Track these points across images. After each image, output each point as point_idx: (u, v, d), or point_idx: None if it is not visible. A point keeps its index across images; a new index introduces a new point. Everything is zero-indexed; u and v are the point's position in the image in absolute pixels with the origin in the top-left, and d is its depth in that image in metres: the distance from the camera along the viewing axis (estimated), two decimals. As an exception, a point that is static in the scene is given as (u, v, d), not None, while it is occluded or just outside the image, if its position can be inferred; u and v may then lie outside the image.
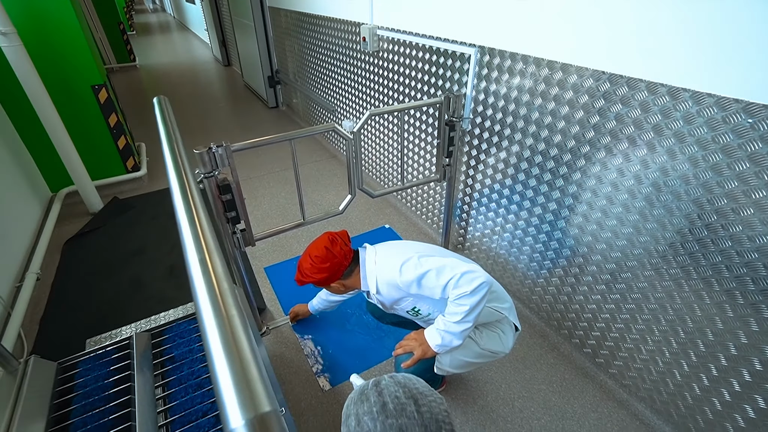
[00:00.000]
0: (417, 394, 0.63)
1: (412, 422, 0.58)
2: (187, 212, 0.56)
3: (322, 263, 1.24)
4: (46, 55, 2.58)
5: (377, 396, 0.62)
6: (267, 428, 0.26)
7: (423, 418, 0.59)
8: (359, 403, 0.63)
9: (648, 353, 1.44)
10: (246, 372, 0.30)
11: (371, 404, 0.61)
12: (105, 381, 1.33)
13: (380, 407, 0.60)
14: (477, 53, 1.72)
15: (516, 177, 1.75)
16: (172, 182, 0.73)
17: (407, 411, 0.59)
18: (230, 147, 1.37)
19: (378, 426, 0.58)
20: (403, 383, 0.65)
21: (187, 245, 0.49)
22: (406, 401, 0.61)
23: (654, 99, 1.15)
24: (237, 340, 0.34)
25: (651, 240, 1.30)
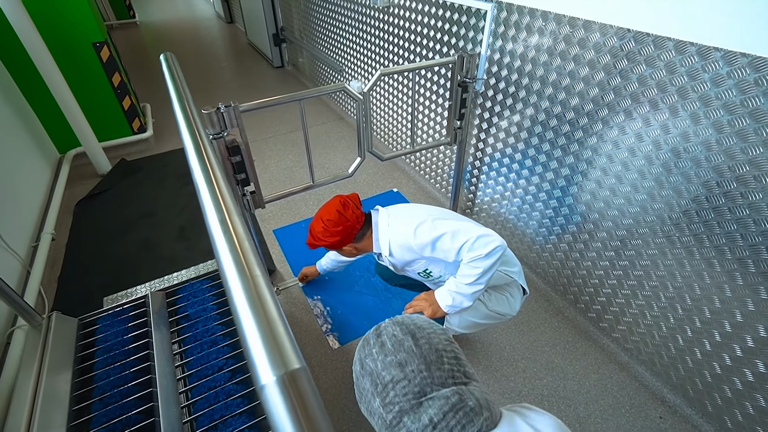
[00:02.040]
0: (414, 329, 0.62)
1: (411, 356, 0.58)
2: (203, 172, 0.56)
3: (335, 227, 1.23)
4: (44, 11, 2.49)
5: (376, 338, 0.63)
6: (297, 384, 0.27)
7: (422, 350, 0.59)
8: (361, 348, 0.64)
9: (652, 319, 1.46)
10: (274, 331, 0.30)
11: (371, 346, 0.62)
12: (124, 336, 1.39)
13: (379, 347, 0.61)
14: (494, 9, 1.63)
15: (529, 141, 1.71)
16: (186, 142, 0.72)
17: (405, 346, 0.60)
18: (239, 107, 1.34)
19: (378, 365, 0.59)
20: (401, 322, 0.65)
21: (207, 207, 0.49)
22: (403, 337, 0.61)
23: (681, 59, 1.10)
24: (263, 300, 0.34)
25: (665, 207, 1.28)
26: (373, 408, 0.59)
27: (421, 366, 0.58)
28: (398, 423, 0.56)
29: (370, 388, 0.60)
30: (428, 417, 0.54)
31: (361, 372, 0.62)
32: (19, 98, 2.65)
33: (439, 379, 0.57)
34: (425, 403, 0.55)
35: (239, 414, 1.18)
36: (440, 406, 0.55)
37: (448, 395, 0.55)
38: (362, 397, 0.62)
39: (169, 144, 3.30)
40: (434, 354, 0.59)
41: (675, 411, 1.48)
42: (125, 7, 7.22)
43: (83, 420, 1.17)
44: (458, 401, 0.55)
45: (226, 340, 1.37)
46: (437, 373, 0.57)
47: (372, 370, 0.60)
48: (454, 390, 0.57)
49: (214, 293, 1.53)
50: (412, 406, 0.55)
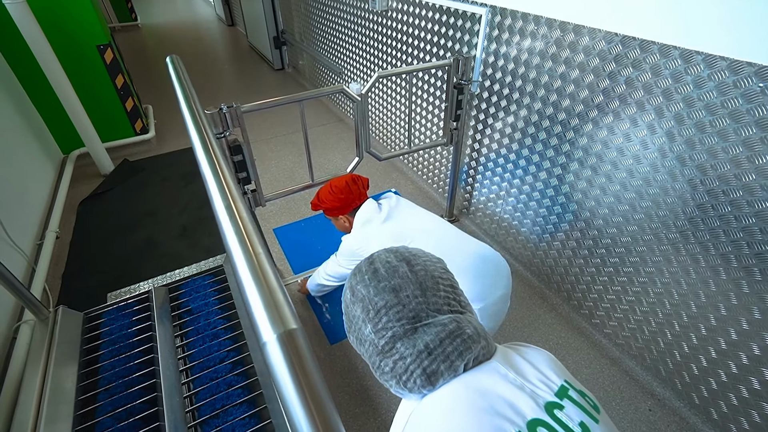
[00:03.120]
0: (409, 256, 0.60)
1: (406, 281, 0.56)
2: (210, 166, 0.60)
3: (339, 194, 1.40)
4: (50, 14, 2.54)
5: (369, 265, 0.60)
6: (294, 341, 0.31)
7: (417, 276, 0.57)
8: (353, 277, 0.61)
9: (642, 314, 1.50)
10: (274, 297, 0.35)
11: (363, 273, 0.59)
12: (128, 330, 1.43)
13: (372, 274, 0.58)
14: (488, 13, 1.68)
15: (523, 141, 1.76)
16: (193, 139, 0.76)
17: (399, 272, 0.57)
18: (240, 108, 1.39)
19: (371, 291, 0.56)
20: (395, 250, 0.62)
21: (214, 195, 0.53)
22: (398, 264, 0.58)
23: (666, 62, 1.14)
24: (264, 272, 0.38)
25: (652, 205, 1.32)
26: (363, 335, 0.57)
27: (417, 291, 0.55)
28: (391, 348, 0.54)
29: (361, 315, 0.57)
30: (424, 343, 0.53)
31: (352, 299, 0.59)
32: (24, 100, 2.70)
33: (435, 306, 0.55)
34: (420, 329, 0.54)
35: (240, 404, 1.22)
36: (437, 332, 0.53)
37: (446, 322, 0.54)
38: (352, 326, 0.60)
39: (170, 145, 3.34)
40: (430, 280, 0.57)
41: (664, 404, 1.52)
42: (127, 9, 7.29)
43: (89, 409, 1.21)
44: (456, 328, 0.54)
45: (227, 333, 1.41)
46: (433, 299, 0.56)
47: (364, 297, 0.57)
48: (452, 317, 0.55)
49: (215, 288, 1.57)
50: (406, 331, 0.54)
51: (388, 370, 0.55)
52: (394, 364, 0.54)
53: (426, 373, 0.53)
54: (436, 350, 0.53)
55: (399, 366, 0.54)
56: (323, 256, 2.17)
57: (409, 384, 0.54)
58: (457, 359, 0.53)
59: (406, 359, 0.53)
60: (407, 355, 0.53)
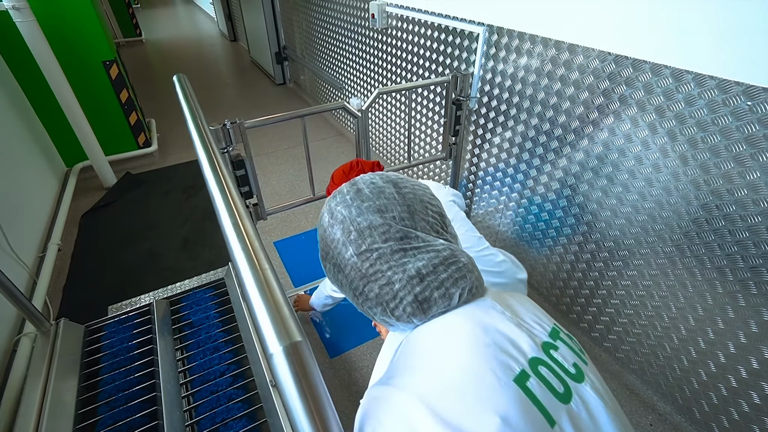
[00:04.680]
0: (396, 179, 0.55)
1: (392, 202, 0.51)
2: (217, 183, 0.62)
3: (351, 171, 1.36)
4: (58, 31, 2.60)
5: (351, 186, 0.55)
6: (299, 353, 0.33)
7: (405, 198, 0.52)
8: (331, 199, 0.56)
9: (641, 327, 1.51)
10: (280, 310, 0.37)
11: (344, 194, 0.54)
12: (129, 343, 1.44)
13: (354, 194, 0.53)
14: (485, 32, 1.73)
15: (521, 156, 1.79)
16: (200, 156, 0.79)
17: (386, 193, 0.52)
18: (244, 124, 1.42)
19: (353, 211, 0.51)
20: (380, 174, 0.57)
21: (221, 212, 0.55)
22: (383, 185, 0.53)
23: (657, 80, 1.18)
24: (270, 286, 0.40)
25: (648, 219, 1.34)
26: (344, 259, 0.51)
27: (404, 214, 0.51)
28: (376, 272, 0.49)
29: (341, 238, 0.51)
30: (415, 268, 0.48)
31: (330, 222, 0.53)
32: (30, 113, 2.75)
33: (423, 230, 0.51)
34: (411, 252, 0.49)
35: (240, 417, 1.23)
36: (430, 258, 0.49)
37: (439, 248, 0.50)
38: (330, 251, 0.53)
39: (173, 158, 3.38)
40: (419, 204, 0.53)
41: (665, 419, 1.51)
42: (132, 25, 7.43)
43: (90, 423, 1.21)
44: (450, 255, 0.50)
45: (228, 346, 1.42)
46: (422, 223, 0.51)
47: (345, 217, 0.51)
48: (445, 244, 0.51)
49: (216, 302, 1.58)
50: (393, 251, 0.49)
51: (373, 296, 0.51)
52: (380, 290, 0.50)
53: (418, 300, 0.49)
54: (429, 276, 0.48)
55: (386, 292, 0.49)
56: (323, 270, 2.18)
57: (397, 312, 0.50)
58: (452, 287, 0.49)
59: (394, 284, 0.49)
60: (396, 281, 0.49)
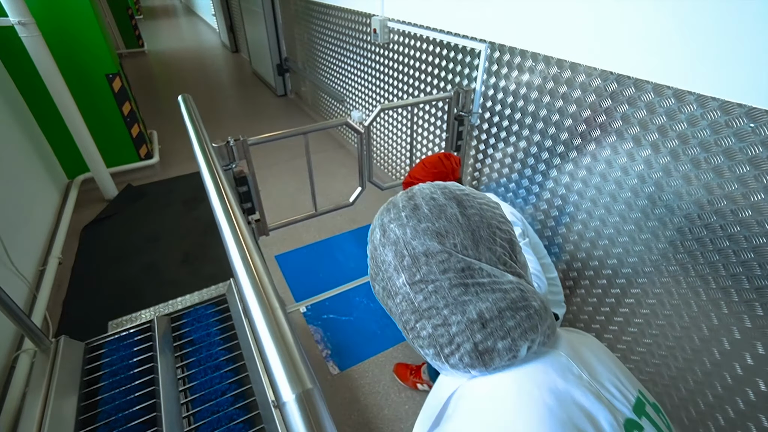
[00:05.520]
0: (461, 195, 0.48)
1: (454, 226, 0.44)
2: (222, 207, 0.63)
3: (433, 168, 1.41)
4: (63, 45, 2.63)
5: (407, 200, 0.48)
6: (311, 401, 0.33)
7: (470, 221, 0.45)
8: (385, 212, 0.50)
9: (645, 346, 1.50)
10: (291, 356, 0.36)
11: (399, 209, 0.47)
12: (129, 361, 1.42)
13: (411, 210, 0.46)
14: (487, 49, 1.75)
15: (523, 172, 1.79)
16: (205, 178, 0.80)
17: (447, 213, 0.45)
18: (247, 141, 1.42)
19: (408, 232, 0.45)
20: (442, 186, 0.50)
21: (228, 241, 0.55)
22: (445, 202, 0.46)
23: (660, 100, 1.19)
24: (282, 330, 0.40)
25: (652, 237, 1.34)
26: (395, 286, 0.46)
27: (467, 241, 0.44)
28: (430, 308, 0.43)
29: (393, 261, 0.45)
30: (477, 311, 0.42)
31: (382, 241, 0.47)
32: (33, 125, 2.76)
33: (489, 262, 0.44)
34: (472, 288, 0.42)
35: (241, 439, 1.21)
36: (495, 299, 0.42)
37: (507, 287, 0.42)
38: (379, 273, 0.48)
39: (174, 170, 3.39)
40: (486, 229, 0.45)
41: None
42: (134, 36, 7.50)
43: (88, 444, 1.20)
44: (519, 297, 0.43)
45: (230, 365, 1.40)
46: (487, 254, 0.44)
47: (398, 238, 0.45)
48: (514, 283, 0.43)
49: (218, 318, 1.57)
50: (452, 286, 0.42)
51: (426, 336, 0.44)
52: (434, 330, 0.43)
53: (477, 350, 0.42)
54: (492, 322, 0.41)
55: (440, 333, 0.43)
56: (325, 284, 2.18)
57: (453, 359, 0.43)
58: (520, 338, 0.42)
59: (451, 327, 0.42)
60: (453, 323, 0.42)
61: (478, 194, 0.50)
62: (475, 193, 0.50)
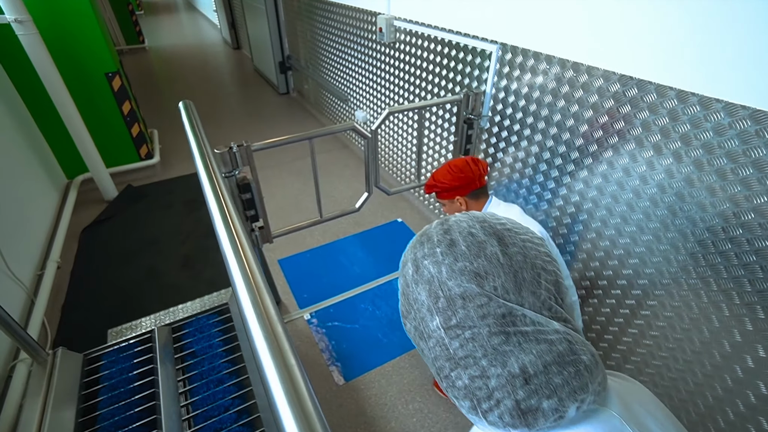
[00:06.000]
0: (502, 231, 0.43)
1: (495, 266, 0.40)
2: (222, 216, 0.60)
3: (459, 173, 1.34)
4: (61, 43, 2.57)
5: (442, 234, 0.44)
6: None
7: (512, 261, 0.40)
8: (418, 246, 0.46)
9: (661, 359, 1.45)
10: (303, 404, 0.32)
11: (434, 244, 0.44)
12: (129, 374, 1.38)
13: (447, 247, 0.42)
14: (499, 50, 1.69)
15: (534, 178, 1.74)
16: (205, 186, 0.78)
17: (487, 252, 0.41)
18: (251, 147, 1.37)
19: (443, 271, 0.41)
20: (480, 218, 0.46)
21: (230, 262, 0.52)
22: (485, 239, 0.42)
23: (684, 108, 1.13)
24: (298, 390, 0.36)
25: (671, 249, 1.29)
26: (428, 328, 0.42)
27: (509, 284, 0.40)
28: (467, 357, 0.39)
29: (427, 302, 0.42)
30: (520, 364, 0.37)
31: (415, 277, 0.44)
32: (30, 124, 2.70)
33: (533, 307, 0.40)
34: (514, 337, 0.38)
35: (245, 458, 1.17)
36: (541, 351, 0.37)
37: (553, 338, 0.38)
38: (411, 311, 0.45)
39: (175, 170, 3.34)
40: (529, 271, 0.41)
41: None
42: (135, 32, 7.42)
43: (86, 463, 1.15)
44: (567, 351, 0.38)
45: (232, 379, 1.36)
46: (531, 299, 0.40)
47: (433, 277, 0.42)
48: (561, 333, 0.38)
49: (220, 329, 1.53)
50: (492, 334, 0.38)
51: (461, 386, 0.40)
52: (471, 381, 0.39)
53: (519, 409, 0.37)
54: (537, 378, 0.37)
55: (478, 386, 0.39)
56: (330, 290, 2.13)
57: (491, 416, 0.39)
58: (568, 398, 0.37)
59: (490, 380, 0.38)
60: (492, 375, 0.38)
61: (521, 228, 0.45)
62: (517, 227, 0.45)
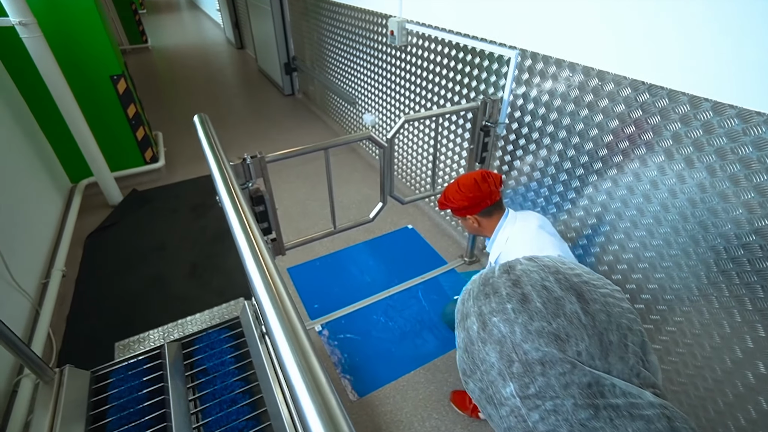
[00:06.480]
0: (580, 284, 0.39)
1: (577, 328, 0.35)
2: (242, 228, 0.61)
3: (468, 192, 1.29)
4: (66, 46, 2.52)
5: (511, 287, 0.40)
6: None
7: (595, 322, 0.36)
8: (482, 298, 0.41)
9: (688, 377, 1.40)
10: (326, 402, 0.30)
11: (502, 299, 0.39)
12: (138, 392, 1.33)
13: (519, 302, 0.38)
14: (518, 56, 1.64)
15: (554, 188, 1.69)
16: (223, 198, 0.80)
17: (566, 310, 0.36)
18: (264, 158, 1.32)
19: (518, 332, 0.36)
20: (552, 267, 0.40)
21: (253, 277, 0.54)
22: (562, 294, 0.38)
23: (720, 120, 1.08)
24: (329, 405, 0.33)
25: (682, 254, 1.24)
26: (499, 394, 0.37)
27: (594, 349, 0.35)
28: None
29: (497, 365, 0.37)
30: None
31: (482, 335, 0.39)
32: (34, 127, 2.66)
33: (621, 375, 0.35)
34: (604, 412, 0.33)
35: (260, 484, 1.12)
36: (637, 429, 0.32)
37: (650, 414, 0.33)
38: (476, 372, 0.40)
39: (180, 173, 3.29)
40: (615, 333, 0.36)
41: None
42: (138, 32, 7.38)
43: (95, 489, 1.11)
44: (667, 429, 0.33)
45: (245, 399, 1.31)
46: (619, 365, 0.35)
47: (504, 338, 0.37)
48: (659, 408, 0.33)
49: (232, 344, 1.48)
50: (577, 407, 0.34)
51: None
52: None
53: None
54: None
55: None
56: (341, 300, 2.08)
57: None
58: None
59: None
60: None
61: (599, 280, 0.40)
62: (595, 278, 0.40)
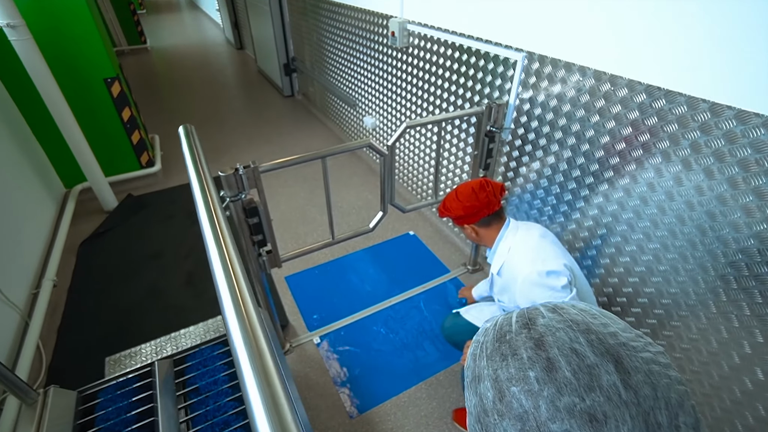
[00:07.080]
0: (617, 347, 0.32)
1: (616, 406, 0.29)
2: (216, 244, 0.56)
3: (465, 200, 1.26)
4: (57, 48, 2.46)
5: (534, 349, 0.33)
6: None
7: (638, 396, 0.29)
8: (498, 360, 0.34)
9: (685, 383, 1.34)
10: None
11: (523, 364, 0.32)
12: (127, 414, 1.27)
13: (543, 371, 0.31)
14: (524, 59, 1.57)
15: (561, 196, 1.62)
16: (200, 212, 0.75)
17: (603, 382, 0.30)
18: (258, 168, 1.26)
19: (542, 407, 0.30)
20: (582, 324, 0.34)
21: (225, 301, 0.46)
22: (596, 361, 0.31)
23: (745, 130, 1.01)
24: None
25: (700, 271, 1.17)
26: None
27: None
28: None
29: None
30: None
31: (499, 408, 0.33)
32: (26, 131, 2.59)
33: None
34: None
35: None
36: None
37: None
38: None
39: (177, 178, 3.22)
40: (664, 412, 0.30)
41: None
42: (137, 33, 7.31)
43: None
44: None
45: (239, 421, 1.24)
46: None
47: (527, 414, 0.31)
48: None
49: (226, 361, 1.41)
50: None
51: None
52: None
53: None
54: None
55: None
56: (340, 310, 2.02)
57: None
58: None
59: None
60: None
61: (638, 339, 0.33)
62: (633, 337, 0.33)
